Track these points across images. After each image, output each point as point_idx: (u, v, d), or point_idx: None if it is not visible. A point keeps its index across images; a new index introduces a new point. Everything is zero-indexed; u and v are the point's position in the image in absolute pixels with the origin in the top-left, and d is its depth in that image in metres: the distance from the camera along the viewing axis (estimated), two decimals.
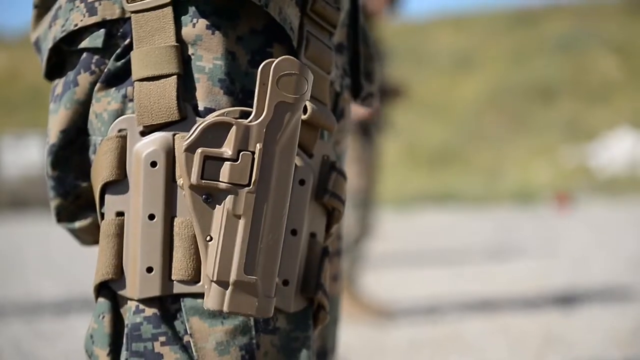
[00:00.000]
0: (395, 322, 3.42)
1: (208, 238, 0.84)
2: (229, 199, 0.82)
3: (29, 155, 13.00)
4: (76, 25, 0.90)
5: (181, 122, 0.86)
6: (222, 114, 0.85)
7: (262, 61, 0.83)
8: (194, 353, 0.86)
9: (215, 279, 0.83)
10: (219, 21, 0.87)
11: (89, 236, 1.01)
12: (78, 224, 1.00)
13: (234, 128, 0.82)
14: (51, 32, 0.95)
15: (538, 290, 4.12)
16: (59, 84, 0.95)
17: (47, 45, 0.95)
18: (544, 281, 4.45)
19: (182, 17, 0.87)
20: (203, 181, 0.82)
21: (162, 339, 0.85)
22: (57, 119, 0.94)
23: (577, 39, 20.35)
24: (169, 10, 0.87)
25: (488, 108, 18.43)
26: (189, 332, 0.86)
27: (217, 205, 0.83)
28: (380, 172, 4.04)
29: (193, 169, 0.82)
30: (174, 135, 0.86)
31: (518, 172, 14.05)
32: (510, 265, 5.19)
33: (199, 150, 0.82)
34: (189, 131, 0.85)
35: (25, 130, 15.36)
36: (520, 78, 19.26)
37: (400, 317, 3.52)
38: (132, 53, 0.87)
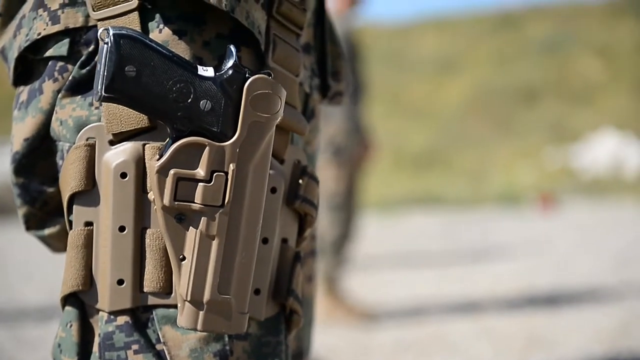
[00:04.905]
0: (379, 324, 3.42)
1: (181, 257, 0.82)
2: (203, 220, 0.81)
3: None
4: (39, 34, 0.90)
5: (151, 131, 0.85)
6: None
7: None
8: None
9: (189, 299, 0.82)
10: (185, 26, 0.87)
11: (59, 243, 0.99)
12: (47, 231, 0.98)
13: (207, 149, 0.81)
14: (16, 41, 0.94)
15: (522, 291, 4.13)
16: (24, 91, 0.94)
17: (13, 54, 0.94)
18: (528, 282, 4.46)
19: (149, 24, 0.87)
20: (176, 203, 0.81)
21: (135, 347, 0.85)
22: (23, 126, 0.93)
23: (560, 41, 20.45)
24: (135, 16, 0.86)
25: (472, 111, 18.48)
26: (162, 340, 0.86)
27: (190, 225, 0.82)
28: (365, 176, 4.03)
29: (166, 190, 0.81)
30: (144, 145, 0.85)
31: (502, 174, 14.08)
32: (494, 267, 5.20)
33: (172, 172, 0.80)
34: (159, 141, 0.84)
35: (9, 137, 15.24)
36: (504, 81, 19.33)
37: (384, 318, 3.52)
38: None
